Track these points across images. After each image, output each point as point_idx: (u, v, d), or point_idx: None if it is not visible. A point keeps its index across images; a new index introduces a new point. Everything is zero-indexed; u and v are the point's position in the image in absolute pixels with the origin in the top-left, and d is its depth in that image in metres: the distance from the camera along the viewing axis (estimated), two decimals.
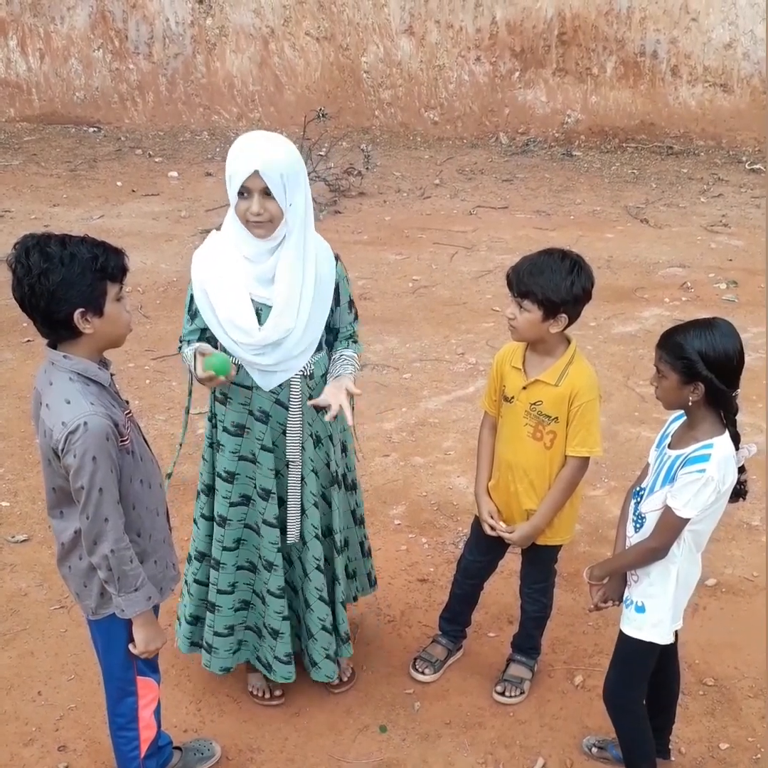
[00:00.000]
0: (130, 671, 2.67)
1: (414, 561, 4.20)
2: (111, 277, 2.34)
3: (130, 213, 9.35)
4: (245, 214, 2.75)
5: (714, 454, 2.51)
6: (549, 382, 3.00)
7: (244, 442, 3.04)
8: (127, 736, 2.76)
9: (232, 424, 3.02)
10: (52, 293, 2.26)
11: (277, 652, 3.24)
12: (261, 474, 3.05)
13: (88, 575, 2.51)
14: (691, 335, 2.50)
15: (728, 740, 3.26)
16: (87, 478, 2.31)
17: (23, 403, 5.56)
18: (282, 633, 3.21)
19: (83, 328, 2.32)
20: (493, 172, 10.94)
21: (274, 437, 3.03)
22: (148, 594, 2.50)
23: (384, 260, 8.00)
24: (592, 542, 4.30)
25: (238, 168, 2.71)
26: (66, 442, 2.29)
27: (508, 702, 3.41)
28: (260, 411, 2.99)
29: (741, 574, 4.11)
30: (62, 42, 12.89)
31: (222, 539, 3.15)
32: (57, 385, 2.36)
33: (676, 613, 2.76)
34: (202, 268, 2.90)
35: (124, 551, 2.41)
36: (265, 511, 3.08)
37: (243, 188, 2.72)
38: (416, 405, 5.61)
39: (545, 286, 2.85)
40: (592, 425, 3.02)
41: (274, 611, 3.19)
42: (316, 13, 12.46)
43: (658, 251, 8.24)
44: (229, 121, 12.74)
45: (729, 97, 11.80)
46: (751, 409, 5.39)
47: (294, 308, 2.87)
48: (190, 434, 5.21)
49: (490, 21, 12.14)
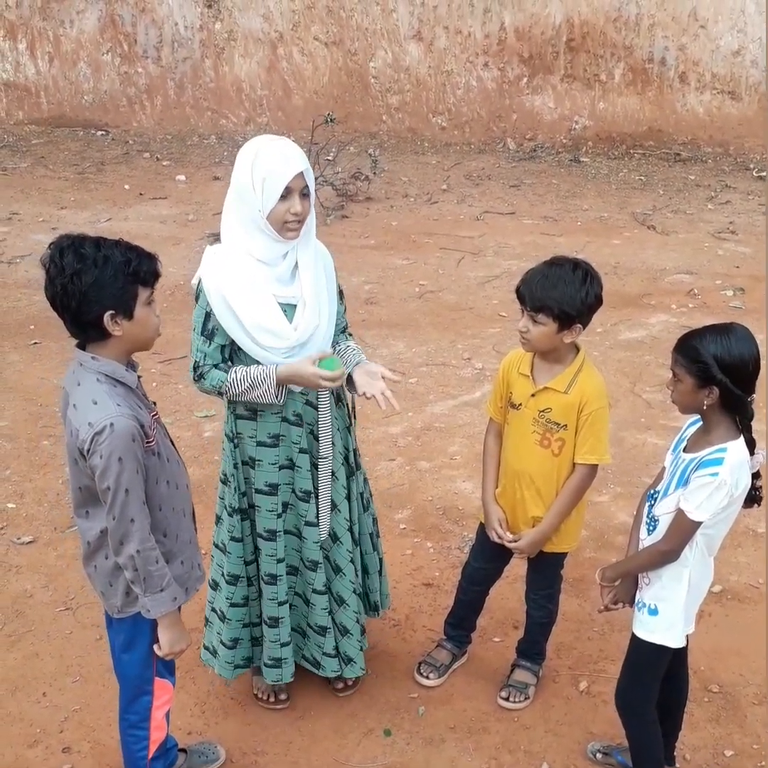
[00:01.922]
0: (149, 670, 2.68)
1: (419, 565, 4.19)
2: (143, 282, 2.37)
3: (137, 216, 9.37)
4: (285, 215, 2.77)
5: (727, 458, 2.51)
6: (558, 390, 2.99)
7: (282, 450, 3.04)
8: (138, 735, 2.77)
9: (268, 435, 3.01)
10: (84, 294, 2.28)
11: (326, 647, 3.26)
12: (300, 477, 3.06)
13: (113, 574, 2.53)
14: (708, 339, 2.50)
15: (733, 747, 3.25)
16: (113, 479, 2.32)
17: (30, 405, 5.57)
18: (329, 629, 3.23)
19: (112, 330, 2.34)
20: (501, 177, 10.95)
21: (306, 438, 3.05)
22: (174, 594, 2.51)
23: (391, 265, 8.01)
24: (598, 548, 4.29)
25: (281, 170, 2.73)
26: (92, 443, 2.31)
27: (512, 707, 3.40)
28: (295, 415, 3.00)
29: (746, 581, 4.10)
30: (71, 45, 12.92)
31: (274, 553, 3.13)
32: (85, 385, 2.38)
33: (689, 616, 2.76)
34: (217, 282, 2.84)
35: (150, 552, 2.42)
36: (307, 513, 3.09)
37: (286, 189, 2.74)
38: (422, 409, 5.61)
39: (561, 300, 2.83)
40: (601, 433, 3.02)
41: (321, 608, 3.21)
42: (324, 18, 12.49)
43: (665, 258, 8.24)
44: (237, 126, 12.76)
45: (737, 104, 11.80)
46: (758, 415, 5.38)
47: (318, 304, 2.93)
48: (195, 437, 5.24)
49: (498, 27, 12.16)
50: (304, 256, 2.90)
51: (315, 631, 3.26)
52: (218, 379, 2.88)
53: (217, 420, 5.38)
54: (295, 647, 3.32)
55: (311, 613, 3.24)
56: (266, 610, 3.20)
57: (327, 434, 3.04)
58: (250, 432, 3.03)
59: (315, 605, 3.22)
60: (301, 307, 2.89)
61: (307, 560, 3.17)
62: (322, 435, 3.03)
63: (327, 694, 3.45)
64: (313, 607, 3.22)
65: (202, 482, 4.74)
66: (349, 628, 3.28)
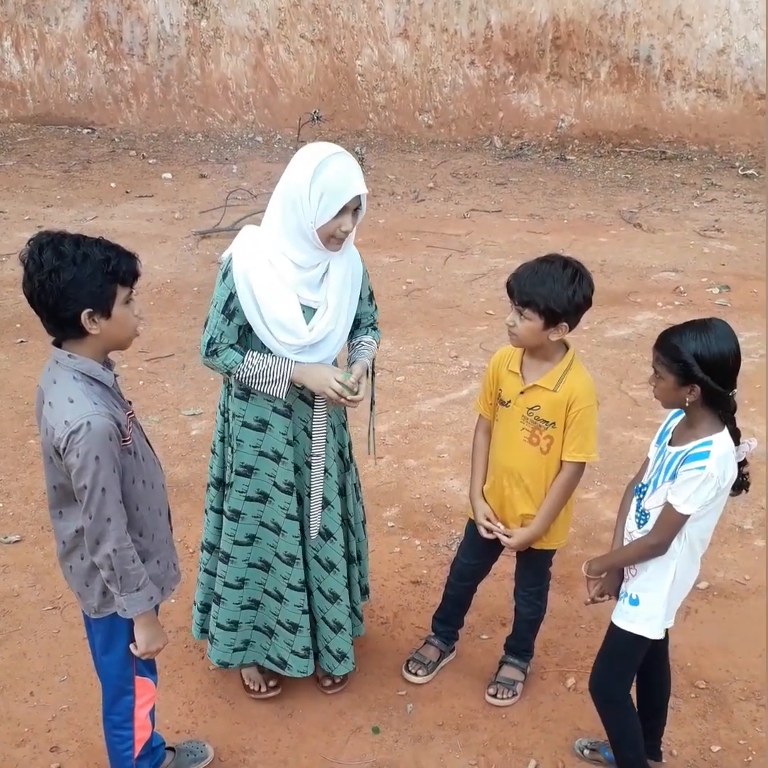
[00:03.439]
0: (128, 669, 2.67)
1: (407, 563, 4.20)
2: (122, 281, 2.36)
3: (123, 214, 9.34)
4: (335, 231, 2.84)
5: (713, 451, 2.53)
6: (547, 388, 3.00)
7: (266, 437, 3.07)
8: (122, 735, 2.76)
9: (255, 419, 3.05)
10: (61, 291, 2.27)
11: (295, 646, 3.27)
12: (285, 469, 3.09)
13: (89, 575, 2.52)
14: (688, 337, 2.51)
15: (720, 743, 3.27)
16: (90, 478, 2.31)
17: (16, 404, 5.55)
18: (301, 627, 3.25)
19: (90, 328, 2.33)
20: (487, 175, 10.96)
21: (295, 432, 3.09)
22: (150, 594, 2.50)
23: (378, 263, 8.00)
24: (585, 545, 4.31)
25: (342, 189, 2.78)
26: (69, 442, 2.29)
27: (500, 704, 3.41)
28: (285, 406, 3.04)
29: (733, 577, 4.12)
30: (56, 43, 12.88)
31: (233, 533, 3.17)
32: (61, 383, 2.36)
33: (670, 610, 2.77)
34: (247, 269, 2.88)
35: (127, 551, 2.41)
36: (288, 506, 3.12)
37: (343, 208, 2.80)
38: (410, 407, 5.61)
39: (547, 296, 2.85)
40: (589, 431, 3.03)
41: (295, 605, 3.22)
42: (311, 15, 12.48)
43: (651, 256, 8.26)
44: (224, 123, 12.74)
45: (722, 102, 11.85)
46: (744, 413, 5.37)
47: (339, 310, 2.99)
48: (182, 435, 5.23)
49: (484, 25, 12.17)
50: (337, 265, 2.97)
51: (285, 629, 3.26)
52: (233, 360, 2.93)
53: (205, 418, 5.37)
54: (258, 648, 3.36)
55: (283, 609, 3.24)
56: (215, 586, 3.28)
57: (321, 432, 3.07)
58: (238, 411, 3.07)
59: (288, 601, 3.22)
60: (321, 311, 2.95)
61: (285, 554, 3.17)
62: (317, 433, 3.07)
63: (315, 693, 3.45)
64: (286, 602, 3.23)
65: (190, 480, 4.74)
66: (342, 623, 3.30)
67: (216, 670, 3.50)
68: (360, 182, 2.82)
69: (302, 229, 2.83)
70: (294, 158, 2.86)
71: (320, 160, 2.77)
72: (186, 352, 6.16)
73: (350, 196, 2.79)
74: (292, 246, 2.87)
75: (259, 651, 3.36)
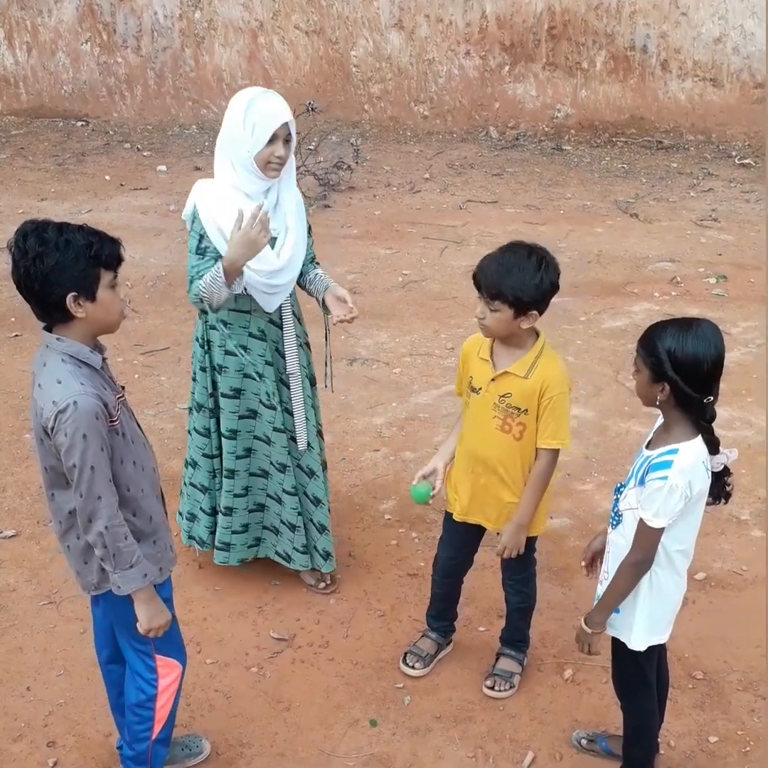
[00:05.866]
0: (146, 645, 2.70)
1: (404, 556, 4.19)
2: (105, 265, 2.41)
3: (118, 207, 9.31)
4: (269, 157, 3.24)
5: (677, 461, 2.47)
6: (518, 374, 3.01)
7: (248, 361, 3.48)
8: (142, 716, 2.79)
9: (236, 345, 3.46)
10: (45, 276, 2.33)
11: (296, 543, 3.74)
12: (267, 387, 3.52)
13: (87, 552, 2.55)
14: (667, 333, 2.45)
15: (717, 733, 3.27)
16: (78, 456, 2.36)
17: (11, 399, 5.54)
18: (298, 527, 3.71)
19: (75, 312, 2.38)
20: (483, 166, 10.92)
21: (270, 353, 3.51)
22: (144, 571, 2.51)
23: (374, 255, 7.99)
24: (582, 536, 4.30)
25: (270, 118, 3.21)
26: (56, 421, 2.35)
27: (498, 696, 3.41)
28: (259, 331, 3.47)
29: (730, 568, 4.12)
30: (50, 35, 12.81)
31: (234, 450, 3.61)
32: (50, 365, 2.42)
33: (654, 624, 2.71)
34: (211, 211, 3.30)
35: (119, 528, 2.44)
36: (274, 420, 3.56)
37: (272, 135, 3.21)
38: (406, 400, 5.60)
39: (515, 287, 2.84)
40: (562, 418, 3.03)
41: (291, 508, 3.69)
42: (305, 6, 12.42)
43: (647, 246, 8.25)
44: (218, 115, 12.65)
45: (719, 91, 11.81)
46: (741, 403, 5.41)
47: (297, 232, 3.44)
48: (178, 429, 5.22)
49: (479, 15, 12.12)
50: (286, 194, 3.42)
51: (287, 527, 3.72)
52: (197, 287, 3.26)
53: None
54: (268, 545, 3.84)
55: (283, 511, 3.71)
56: (223, 501, 3.69)
57: (293, 351, 3.52)
58: (219, 341, 3.48)
59: (286, 504, 3.69)
60: (282, 235, 3.39)
61: (277, 463, 3.64)
62: (288, 350, 3.51)
63: (313, 685, 3.45)
64: (284, 505, 3.70)
65: None
66: (325, 524, 3.76)
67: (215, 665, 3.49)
68: (287, 112, 3.25)
69: (242, 159, 3.25)
70: (229, 104, 3.29)
71: (250, 98, 3.23)
72: (181, 345, 6.13)
73: (278, 123, 3.22)
74: (239, 178, 3.29)
75: (269, 546, 3.84)
